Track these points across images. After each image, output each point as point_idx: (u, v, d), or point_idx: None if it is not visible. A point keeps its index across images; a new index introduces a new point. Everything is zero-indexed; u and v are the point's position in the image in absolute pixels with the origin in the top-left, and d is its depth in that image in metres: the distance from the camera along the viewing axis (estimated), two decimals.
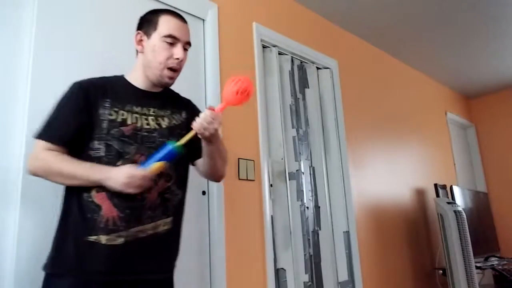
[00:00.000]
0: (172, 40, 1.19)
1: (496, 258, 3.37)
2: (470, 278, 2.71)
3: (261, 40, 2.32)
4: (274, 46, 2.40)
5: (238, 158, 2.00)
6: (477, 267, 2.87)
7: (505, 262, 3.27)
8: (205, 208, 1.83)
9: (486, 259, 3.30)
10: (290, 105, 2.42)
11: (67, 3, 1.53)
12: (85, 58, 1.50)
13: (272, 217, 2.10)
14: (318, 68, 2.75)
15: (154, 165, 1.08)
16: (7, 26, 1.38)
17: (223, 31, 2.10)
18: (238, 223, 1.93)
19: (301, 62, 2.63)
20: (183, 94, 1.41)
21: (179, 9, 1.90)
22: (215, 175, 1.36)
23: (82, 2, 1.57)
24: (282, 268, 2.07)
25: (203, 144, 1.23)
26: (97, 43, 1.56)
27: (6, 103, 1.33)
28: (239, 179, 1.98)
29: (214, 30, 2.04)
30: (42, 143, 1.10)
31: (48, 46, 1.43)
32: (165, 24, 1.20)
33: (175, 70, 1.22)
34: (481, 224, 3.54)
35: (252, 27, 2.28)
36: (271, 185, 2.14)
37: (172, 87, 1.31)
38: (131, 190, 1.05)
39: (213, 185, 1.84)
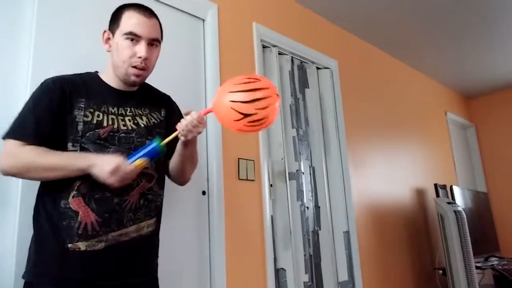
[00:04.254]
0: (134, 37, 1.12)
1: (496, 258, 3.37)
2: (470, 278, 2.71)
3: (261, 40, 2.32)
4: (274, 46, 2.40)
5: (238, 158, 2.00)
6: (477, 267, 2.87)
7: (505, 262, 3.27)
8: (205, 208, 1.83)
9: (486, 259, 3.29)
10: (290, 105, 2.42)
11: (68, 2, 1.53)
12: (85, 57, 1.50)
13: (272, 217, 2.10)
14: (318, 68, 2.75)
15: (138, 161, 1.05)
16: (7, 25, 1.37)
17: (223, 31, 2.10)
18: (238, 223, 1.93)
19: (301, 62, 2.63)
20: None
21: (179, 9, 1.91)
22: (181, 179, 1.33)
23: (82, 1, 1.57)
24: (282, 268, 2.07)
25: (179, 146, 1.21)
26: (97, 42, 1.55)
27: (7, 103, 1.32)
28: (239, 179, 1.98)
29: (214, 30, 2.04)
30: (13, 142, 1.03)
31: (48, 45, 1.43)
32: (127, 21, 1.13)
33: (141, 69, 1.15)
34: (481, 224, 3.54)
35: (252, 27, 2.28)
36: (271, 185, 2.14)
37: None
38: (114, 181, 1.00)
39: (213, 185, 1.84)
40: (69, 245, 1.02)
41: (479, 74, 4.03)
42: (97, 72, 1.22)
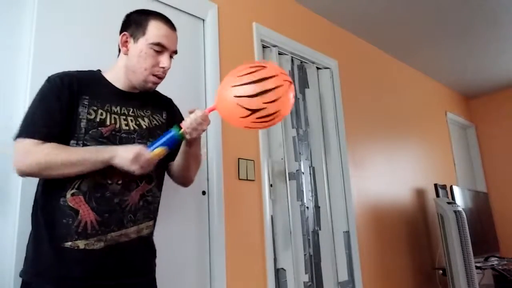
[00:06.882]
0: (160, 49, 1.16)
1: (496, 258, 3.37)
2: (470, 278, 2.71)
3: (261, 40, 2.32)
4: (274, 46, 2.40)
5: (238, 158, 2.00)
6: (477, 267, 2.87)
7: (505, 262, 3.27)
8: (205, 208, 1.83)
9: (486, 259, 3.30)
10: None
11: (68, 2, 1.53)
12: (85, 57, 1.50)
13: (272, 217, 2.10)
14: (318, 68, 2.75)
15: (157, 150, 1.07)
16: (7, 25, 1.37)
17: (223, 31, 2.10)
18: (238, 223, 1.93)
19: (301, 62, 2.63)
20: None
21: (179, 9, 1.91)
22: (186, 180, 1.34)
23: (82, 1, 1.57)
24: (282, 268, 2.07)
25: (183, 147, 1.22)
26: (97, 42, 1.56)
27: (7, 103, 1.32)
28: (239, 179, 1.98)
29: (214, 30, 2.04)
30: (29, 141, 1.01)
31: (48, 45, 1.43)
32: (155, 31, 1.15)
33: (160, 77, 1.19)
34: (481, 224, 3.54)
35: (252, 27, 2.28)
36: (271, 185, 2.14)
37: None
38: (136, 168, 1.02)
39: (213, 185, 1.84)
40: (67, 244, 1.02)
41: (479, 74, 4.03)
42: (99, 70, 1.22)
